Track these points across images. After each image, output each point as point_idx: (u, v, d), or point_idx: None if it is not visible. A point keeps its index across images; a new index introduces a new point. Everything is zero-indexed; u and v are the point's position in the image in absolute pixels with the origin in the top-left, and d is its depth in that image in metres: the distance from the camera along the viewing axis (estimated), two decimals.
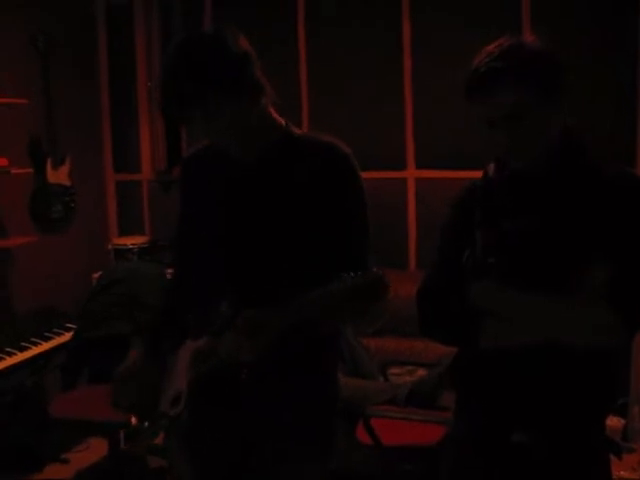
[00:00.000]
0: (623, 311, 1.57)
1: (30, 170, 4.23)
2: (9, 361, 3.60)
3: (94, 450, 3.94)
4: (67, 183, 4.43)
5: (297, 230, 1.79)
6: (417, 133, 4.37)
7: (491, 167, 1.76)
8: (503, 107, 1.60)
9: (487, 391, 1.71)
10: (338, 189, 1.80)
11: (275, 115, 1.86)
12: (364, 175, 1.88)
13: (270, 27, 4.46)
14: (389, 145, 4.40)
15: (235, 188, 1.87)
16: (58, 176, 4.37)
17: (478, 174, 1.80)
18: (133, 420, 1.96)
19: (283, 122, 1.87)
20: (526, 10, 4.02)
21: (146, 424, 1.95)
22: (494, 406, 1.70)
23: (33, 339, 3.81)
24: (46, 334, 3.90)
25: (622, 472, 3.24)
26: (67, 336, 3.93)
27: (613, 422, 3.42)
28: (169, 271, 4.34)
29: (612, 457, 1.76)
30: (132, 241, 4.74)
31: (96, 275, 4.36)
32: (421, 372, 3.71)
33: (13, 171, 4.02)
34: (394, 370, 3.76)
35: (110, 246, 4.77)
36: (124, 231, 5.08)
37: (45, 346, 3.81)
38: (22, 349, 3.71)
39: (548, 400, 1.64)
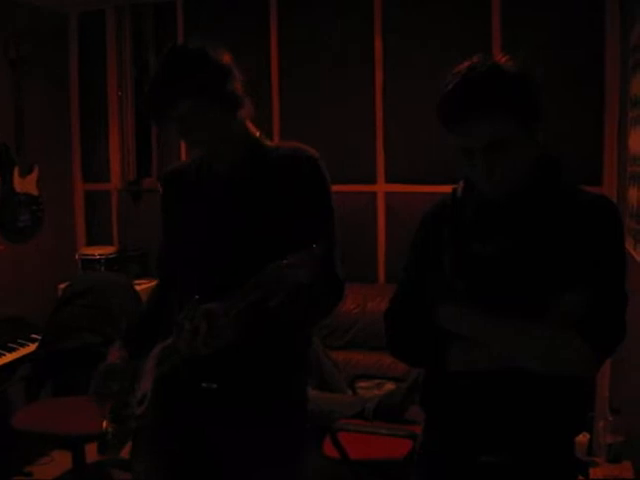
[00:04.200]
0: (593, 340, 1.53)
1: None
2: None
3: (58, 463, 3.88)
4: (35, 192, 4.38)
5: (265, 235, 1.84)
6: (387, 147, 4.39)
7: (460, 185, 1.73)
8: (482, 139, 1.52)
9: (455, 412, 1.68)
10: (303, 192, 1.86)
11: (251, 127, 1.95)
12: (334, 188, 1.92)
13: (241, 37, 4.45)
14: (359, 159, 4.41)
15: (208, 200, 1.94)
16: (26, 185, 4.32)
17: (448, 189, 1.78)
18: (104, 424, 1.96)
19: (257, 134, 1.96)
20: (496, 24, 4.07)
21: (116, 428, 1.96)
22: (463, 427, 1.67)
23: None
24: (10, 345, 3.84)
25: None
26: (32, 347, 3.88)
27: (578, 437, 3.43)
28: (137, 282, 4.32)
29: None
30: (100, 251, 4.70)
31: (62, 285, 4.31)
32: (389, 386, 3.71)
33: None
34: (362, 384, 3.76)
35: (77, 256, 4.72)
36: (92, 241, 5.03)
37: (9, 357, 3.76)
38: None
39: (517, 422, 1.61)
